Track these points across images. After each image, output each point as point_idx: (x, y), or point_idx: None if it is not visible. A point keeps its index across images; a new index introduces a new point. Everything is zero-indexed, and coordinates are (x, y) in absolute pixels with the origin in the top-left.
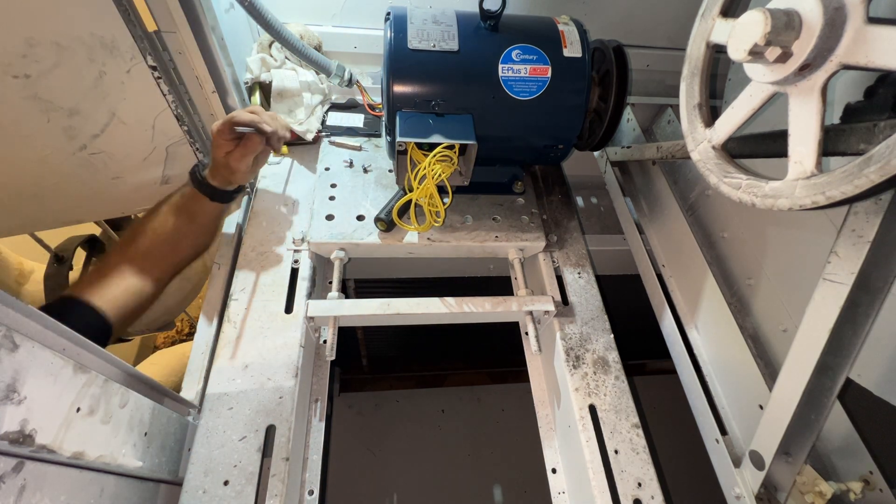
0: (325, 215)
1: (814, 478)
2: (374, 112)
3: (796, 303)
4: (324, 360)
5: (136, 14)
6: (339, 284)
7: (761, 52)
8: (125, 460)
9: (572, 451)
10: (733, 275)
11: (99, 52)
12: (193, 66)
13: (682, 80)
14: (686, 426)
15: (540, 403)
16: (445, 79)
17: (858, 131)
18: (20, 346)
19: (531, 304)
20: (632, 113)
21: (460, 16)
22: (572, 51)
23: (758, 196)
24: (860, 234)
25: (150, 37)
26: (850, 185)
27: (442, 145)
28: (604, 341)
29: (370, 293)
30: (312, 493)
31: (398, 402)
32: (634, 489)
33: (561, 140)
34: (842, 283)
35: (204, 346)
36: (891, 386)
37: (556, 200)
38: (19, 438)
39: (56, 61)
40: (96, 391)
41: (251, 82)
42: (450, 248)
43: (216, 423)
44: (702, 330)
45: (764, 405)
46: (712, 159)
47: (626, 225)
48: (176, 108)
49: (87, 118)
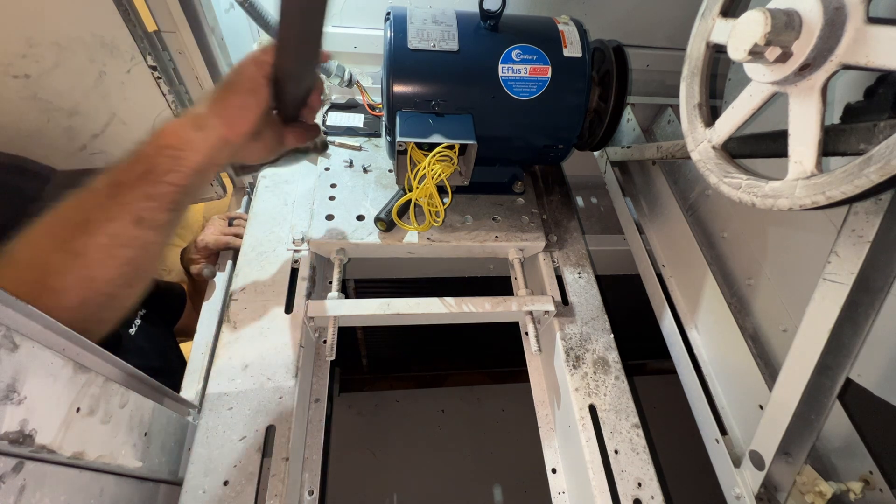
0: (325, 215)
1: (814, 478)
2: (374, 112)
3: (796, 303)
4: (324, 360)
5: (136, 14)
6: (339, 284)
7: (761, 52)
8: (125, 460)
9: (572, 451)
10: (733, 275)
11: (99, 52)
12: (193, 66)
13: (682, 80)
14: (686, 426)
15: (540, 403)
16: (445, 79)
17: (858, 131)
18: (20, 346)
19: (531, 304)
20: (632, 113)
21: (460, 16)
22: (572, 51)
23: (758, 196)
24: (860, 234)
25: (150, 37)
26: (850, 185)
27: (442, 145)
28: (604, 341)
29: (370, 293)
30: (312, 493)
31: (398, 403)
32: (634, 489)
33: (561, 140)
34: (842, 283)
35: (204, 346)
36: (891, 386)
37: (556, 200)
38: (19, 438)
39: (56, 61)
40: (96, 391)
41: None
42: (450, 248)
43: (216, 423)
44: (702, 330)
45: (764, 405)
46: (712, 159)
47: (626, 225)
48: (176, 108)
49: (88, 118)
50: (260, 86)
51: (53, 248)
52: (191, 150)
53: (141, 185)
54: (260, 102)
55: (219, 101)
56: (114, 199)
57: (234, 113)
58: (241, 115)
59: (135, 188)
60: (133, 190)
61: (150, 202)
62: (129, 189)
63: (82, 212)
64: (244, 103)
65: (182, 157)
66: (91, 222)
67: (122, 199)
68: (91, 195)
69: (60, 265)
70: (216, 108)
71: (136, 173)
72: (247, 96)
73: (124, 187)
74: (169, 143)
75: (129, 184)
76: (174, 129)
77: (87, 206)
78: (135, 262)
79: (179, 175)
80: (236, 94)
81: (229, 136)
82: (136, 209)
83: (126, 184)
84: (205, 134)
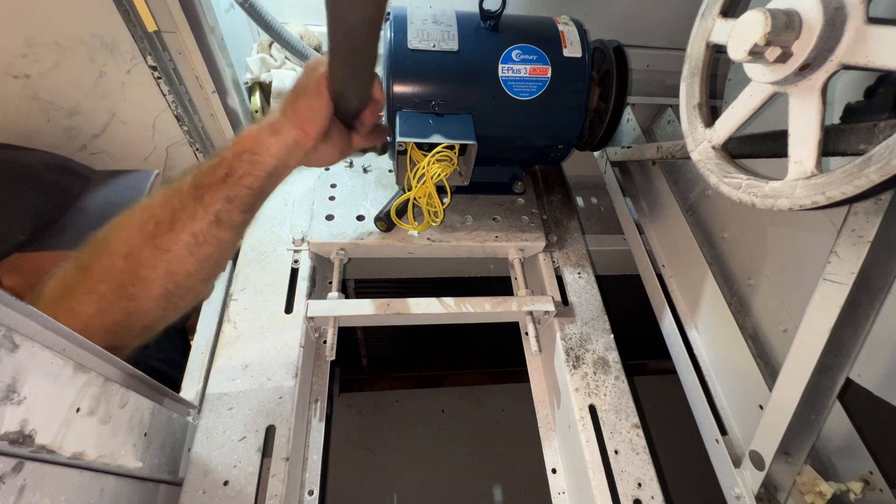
0: (325, 215)
1: (814, 478)
2: None
3: (796, 303)
4: (324, 360)
5: (136, 14)
6: (339, 284)
7: (761, 53)
8: (125, 460)
9: (572, 452)
10: (733, 275)
11: (99, 52)
12: (193, 66)
13: (682, 80)
14: (686, 426)
15: (540, 403)
16: (445, 79)
17: (858, 131)
18: (20, 346)
19: (531, 304)
20: (632, 113)
21: (460, 16)
22: (572, 51)
23: (758, 196)
24: (860, 234)
25: (150, 37)
26: (850, 185)
27: (441, 145)
28: (604, 341)
29: (370, 293)
30: (312, 493)
31: (398, 403)
32: (634, 489)
33: (561, 140)
34: (842, 283)
35: (204, 346)
36: (891, 386)
37: (556, 200)
38: (19, 438)
39: (56, 61)
40: (96, 391)
41: (251, 82)
42: (450, 248)
43: (216, 423)
44: (702, 330)
45: (764, 405)
46: (712, 159)
47: (626, 225)
48: (176, 109)
49: (88, 118)
50: (325, 88)
51: (144, 243)
52: (266, 154)
53: (221, 188)
54: (326, 104)
55: (289, 106)
56: (198, 200)
57: (304, 115)
58: (310, 116)
59: (215, 191)
60: (214, 192)
61: (229, 204)
62: (210, 191)
63: (170, 211)
64: (312, 105)
65: (258, 161)
66: (177, 221)
67: (204, 202)
68: (177, 195)
69: (150, 258)
70: (288, 113)
71: (217, 177)
72: (313, 98)
73: (206, 189)
74: (246, 148)
75: (211, 186)
76: (251, 134)
77: (174, 205)
78: (212, 258)
79: (254, 178)
80: (304, 97)
81: (301, 138)
82: (216, 210)
83: (208, 186)
84: (279, 138)
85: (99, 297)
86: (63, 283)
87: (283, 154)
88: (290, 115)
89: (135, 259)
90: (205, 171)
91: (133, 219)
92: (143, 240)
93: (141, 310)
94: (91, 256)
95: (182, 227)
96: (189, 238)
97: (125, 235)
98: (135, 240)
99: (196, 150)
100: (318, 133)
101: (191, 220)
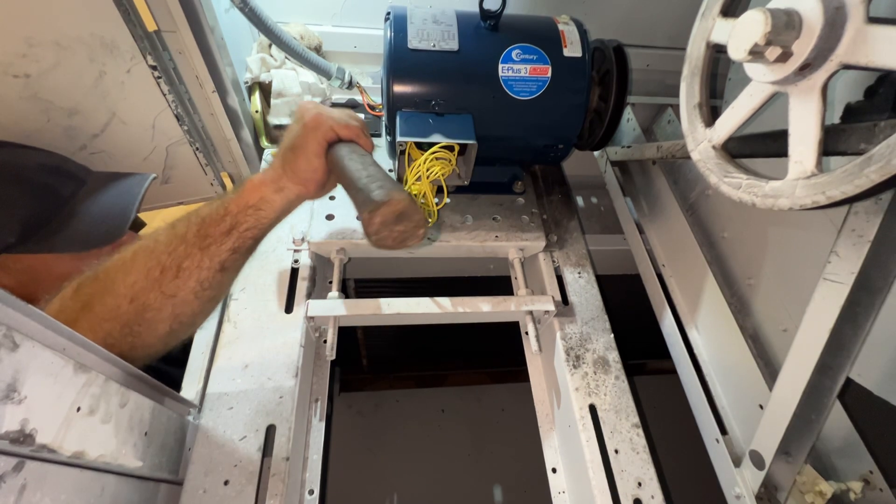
0: (325, 215)
1: (814, 477)
2: (374, 112)
3: (796, 303)
4: (324, 360)
5: (136, 14)
6: (339, 284)
7: (761, 52)
8: (125, 460)
9: (572, 451)
10: (733, 275)
11: (99, 52)
12: (193, 66)
13: (682, 80)
14: (686, 426)
15: (540, 403)
16: (445, 78)
17: (859, 131)
18: (20, 345)
19: (531, 303)
20: (632, 113)
21: (460, 15)
22: (572, 51)
23: (758, 196)
24: (860, 233)
25: (150, 37)
26: (850, 184)
27: (439, 144)
28: (604, 341)
29: (370, 293)
30: (312, 492)
31: (398, 402)
32: (634, 489)
33: (561, 140)
34: (842, 283)
35: (204, 346)
36: (891, 386)
37: (556, 200)
38: (20, 438)
39: (56, 61)
40: (96, 391)
41: (251, 82)
42: (450, 248)
43: (216, 422)
44: (702, 330)
45: (764, 405)
46: (712, 159)
47: (626, 225)
48: (176, 108)
49: (87, 118)
50: (323, 149)
51: (150, 288)
52: (270, 210)
53: (226, 239)
54: (325, 164)
55: (290, 164)
56: (204, 251)
57: (306, 176)
58: (311, 176)
59: (221, 243)
60: (220, 244)
61: (234, 253)
62: (216, 243)
63: (175, 259)
64: (313, 167)
65: (262, 216)
66: (183, 270)
67: (210, 252)
68: (182, 244)
69: (156, 303)
70: (289, 172)
71: (222, 229)
72: (314, 160)
73: (212, 241)
74: (251, 204)
75: (217, 238)
76: (255, 188)
77: (180, 253)
78: (216, 298)
79: (259, 230)
80: (304, 159)
81: (303, 192)
82: (221, 260)
83: (213, 237)
84: (282, 194)
85: (105, 334)
86: (64, 317)
87: (286, 207)
88: (292, 174)
89: (140, 303)
90: (209, 222)
91: (138, 263)
92: (148, 285)
93: (145, 344)
94: (93, 294)
95: (188, 275)
96: (195, 285)
97: (131, 280)
98: (140, 285)
99: (196, 150)
100: (320, 184)
101: (197, 269)
